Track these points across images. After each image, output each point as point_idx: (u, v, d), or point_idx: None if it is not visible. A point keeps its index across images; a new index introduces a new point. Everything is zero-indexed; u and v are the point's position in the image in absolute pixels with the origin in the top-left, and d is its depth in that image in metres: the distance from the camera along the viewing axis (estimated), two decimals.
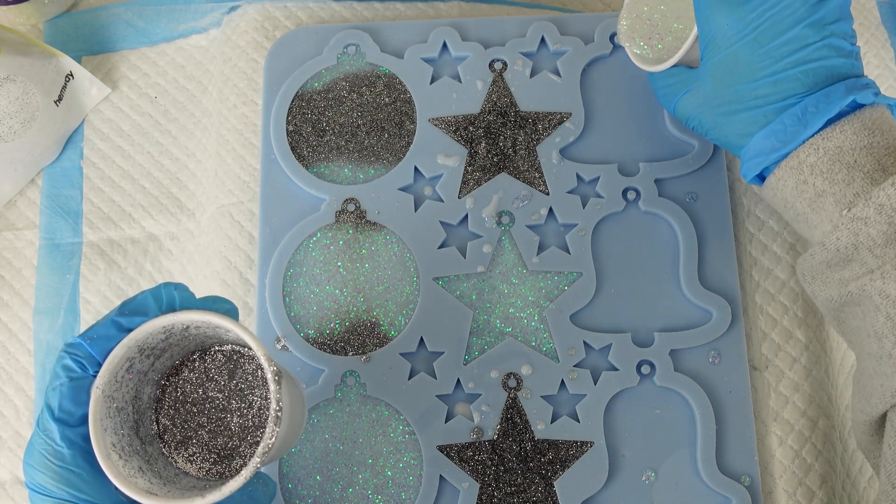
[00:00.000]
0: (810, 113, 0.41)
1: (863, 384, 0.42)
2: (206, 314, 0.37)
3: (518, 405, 0.50)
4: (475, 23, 0.57)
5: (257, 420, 0.41)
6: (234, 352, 0.42)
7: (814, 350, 0.53)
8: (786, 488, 0.50)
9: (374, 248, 0.53)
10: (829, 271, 0.42)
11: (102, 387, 0.37)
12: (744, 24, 0.42)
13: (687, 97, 0.47)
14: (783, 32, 0.41)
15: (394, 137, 0.55)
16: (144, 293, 0.38)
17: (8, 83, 0.57)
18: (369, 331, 0.52)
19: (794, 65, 0.41)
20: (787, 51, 0.41)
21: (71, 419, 0.37)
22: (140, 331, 0.37)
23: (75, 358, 0.37)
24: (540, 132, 0.55)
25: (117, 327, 0.37)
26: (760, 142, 0.43)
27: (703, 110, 0.46)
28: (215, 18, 0.61)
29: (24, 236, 0.58)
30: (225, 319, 0.37)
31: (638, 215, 0.54)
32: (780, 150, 0.42)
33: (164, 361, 0.41)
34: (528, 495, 0.49)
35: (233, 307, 0.40)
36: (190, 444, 0.41)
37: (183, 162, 0.59)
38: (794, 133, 0.42)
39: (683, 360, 0.51)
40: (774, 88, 0.42)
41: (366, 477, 0.49)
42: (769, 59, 0.42)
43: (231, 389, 0.41)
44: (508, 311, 0.52)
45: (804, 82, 0.41)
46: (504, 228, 0.53)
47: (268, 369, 0.37)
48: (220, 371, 0.42)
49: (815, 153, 0.41)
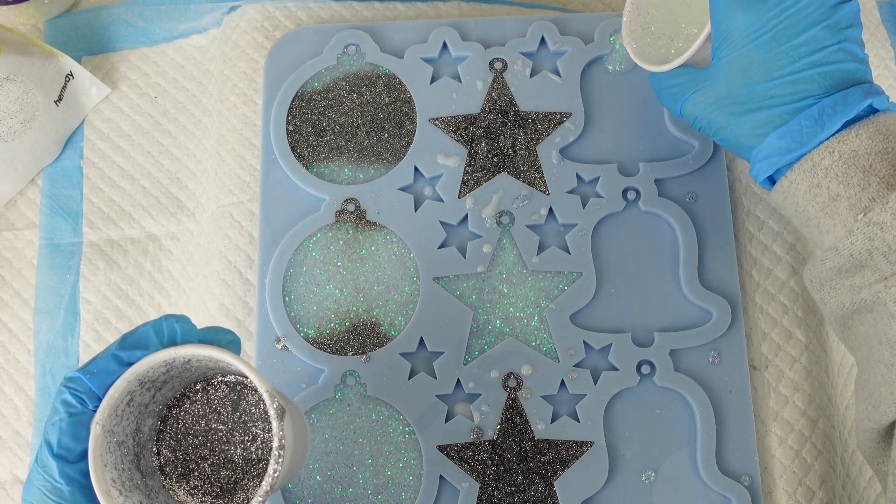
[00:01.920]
0: (827, 114, 0.41)
1: (869, 392, 0.41)
2: (207, 349, 0.37)
3: (518, 405, 0.50)
4: (475, 23, 0.57)
5: (260, 452, 0.40)
6: (238, 382, 0.41)
7: (814, 350, 0.53)
8: (786, 488, 0.50)
9: (374, 248, 0.53)
10: (839, 277, 0.41)
11: (103, 422, 0.36)
12: (762, 23, 0.42)
13: (695, 97, 0.46)
14: (801, 33, 0.41)
15: (394, 137, 0.55)
16: (146, 326, 0.38)
17: (8, 83, 0.57)
18: (369, 331, 0.52)
19: (811, 66, 0.41)
20: (805, 52, 0.41)
21: (70, 455, 0.36)
22: (141, 365, 0.37)
23: (75, 393, 0.36)
24: (540, 132, 0.55)
25: (118, 361, 0.37)
26: (774, 142, 0.43)
27: (714, 110, 0.45)
28: (215, 18, 0.61)
29: (24, 236, 0.58)
30: (226, 354, 0.37)
31: (638, 215, 0.54)
32: (795, 151, 0.42)
33: (166, 393, 0.40)
34: (528, 495, 0.49)
35: (235, 339, 0.40)
36: (192, 476, 0.40)
37: (183, 162, 0.59)
38: (810, 134, 0.41)
39: (683, 360, 0.51)
40: (791, 89, 0.42)
41: (366, 477, 0.49)
42: (786, 59, 0.41)
43: (234, 422, 0.41)
44: (508, 311, 0.52)
45: (821, 84, 0.41)
46: (504, 228, 0.53)
47: (270, 406, 0.36)
48: (224, 402, 0.41)
49: (831, 156, 0.41)
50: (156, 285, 0.57)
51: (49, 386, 0.55)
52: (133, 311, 0.56)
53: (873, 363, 0.41)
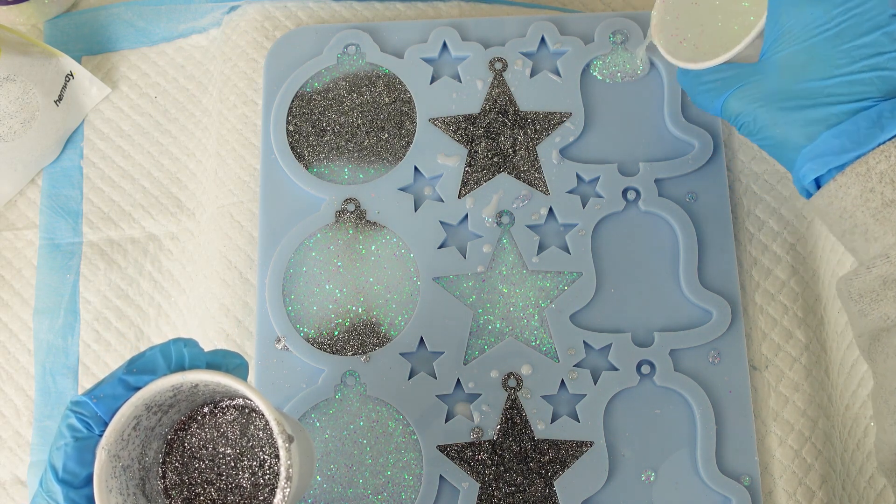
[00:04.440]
0: (886, 118, 0.40)
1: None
2: (215, 375, 0.36)
3: (518, 405, 0.50)
4: (475, 23, 0.57)
5: (268, 477, 0.40)
6: (246, 405, 0.41)
7: (814, 350, 0.53)
8: (786, 488, 0.50)
9: (373, 248, 0.53)
10: (884, 288, 0.40)
11: (108, 447, 0.36)
12: (828, 18, 0.41)
13: (741, 92, 0.44)
14: (863, 35, 0.40)
15: (394, 137, 0.55)
16: (153, 350, 0.37)
17: (8, 83, 0.57)
18: (369, 331, 0.52)
19: (871, 69, 0.40)
20: (865, 53, 0.40)
21: (75, 480, 0.36)
22: (147, 389, 0.36)
23: (81, 417, 0.36)
24: (540, 132, 0.55)
25: (124, 386, 0.36)
26: (829, 141, 0.41)
27: (761, 106, 0.43)
28: (215, 18, 0.61)
29: (24, 236, 0.58)
30: (234, 380, 0.36)
31: (638, 215, 0.54)
32: (851, 153, 0.40)
33: (172, 416, 0.40)
34: (528, 495, 0.49)
35: (243, 363, 0.39)
36: (197, 501, 0.40)
37: (183, 162, 0.59)
38: (868, 136, 0.40)
39: (683, 360, 0.51)
40: (850, 89, 0.41)
41: (366, 477, 0.49)
42: (847, 59, 0.41)
43: (243, 446, 0.40)
44: (508, 311, 0.52)
45: (879, 87, 0.40)
46: (504, 228, 0.53)
47: (278, 434, 0.36)
48: (232, 426, 0.40)
49: (887, 161, 0.40)
50: (156, 285, 0.57)
51: (49, 386, 0.55)
52: (133, 311, 0.56)
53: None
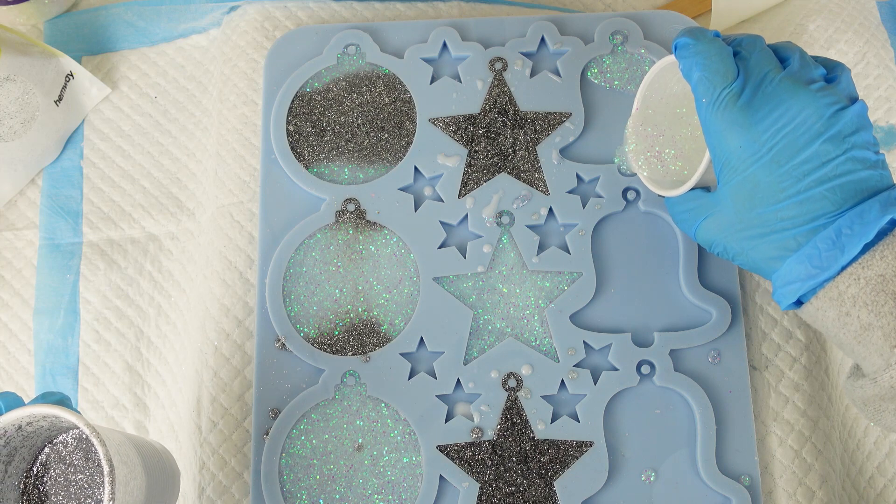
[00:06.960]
0: (845, 236, 0.38)
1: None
2: (24, 409, 0.38)
3: (518, 405, 0.50)
4: (475, 23, 0.57)
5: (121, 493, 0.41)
6: (80, 433, 0.42)
7: (814, 350, 0.53)
8: (786, 488, 0.50)
9: (373, 248, 0.53)
10: (883, 402, 0.39)
11: None
12: (758, 146, 0.39)
13: (708, 222, 0.44)
14: (801, 150, 0.39)
15: (394, 137, 0.55)
16: None
17: (8, 83, 0.57)
18: (369, 331, 0.52)
19: (819, 183, 0.39)
20: (809, 169, 0.39)
21: None
22: None
23: None
24: (540, 132, 0.55)
25: None
26: (793, 267, 0.40)
27: (727, 235, 0.43)
28: (215, 18, 0.61)
29: (24, 236, 0.58)
30: (41, 407, 0.38)
31: (638, 215, 0.54)
32: (817, 277, 0.39)
33: (18, 465, 0.41)
34: (528, 495, 0.49)
35: (64, 397, 0.40)
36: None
37: (183, 162, 0.59)
38: (830, 259, 0.39)
39: (683, 360, 0.51)
40: (801, 209, 0.39)
41: (366, 477, 0.49)
42: (790, 179, 0.39)
43: (91, 469, 0.42)
44: (508, 311, 0.52)
45: (832, 200, 0.39)
46: (504, 228, 0.53)
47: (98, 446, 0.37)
48: (75, 453, 0.42)
49: (857, 283, 0.38)
50: (156, 285, 0.57)
51: (49, 386, 0.55)
52: (133, 311, 0.56)
53: None
